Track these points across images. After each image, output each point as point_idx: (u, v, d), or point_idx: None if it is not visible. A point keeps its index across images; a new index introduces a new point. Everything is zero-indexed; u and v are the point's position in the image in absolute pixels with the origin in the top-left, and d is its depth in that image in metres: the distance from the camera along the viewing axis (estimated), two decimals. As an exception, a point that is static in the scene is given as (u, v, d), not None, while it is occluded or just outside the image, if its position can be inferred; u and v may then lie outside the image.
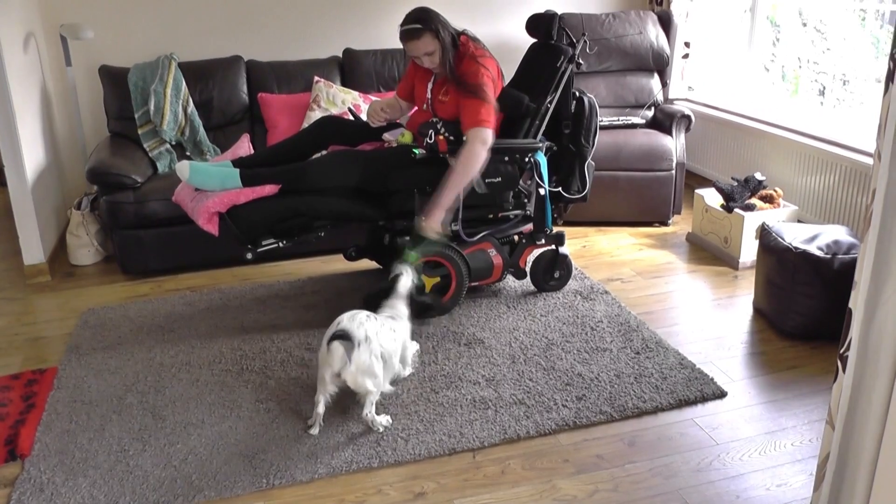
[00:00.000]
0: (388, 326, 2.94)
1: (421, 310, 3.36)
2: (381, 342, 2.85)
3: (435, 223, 3.39)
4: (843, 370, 2.00)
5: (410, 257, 3.39)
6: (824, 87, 4.92)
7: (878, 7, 4.51)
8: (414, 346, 3.22)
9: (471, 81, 3.44)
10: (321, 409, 2.85)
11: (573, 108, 3.82)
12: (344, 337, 2.73)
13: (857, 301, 1.93)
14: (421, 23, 3.42)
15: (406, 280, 3.19)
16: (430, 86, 3.66)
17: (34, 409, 3.05)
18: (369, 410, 2.83)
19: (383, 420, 2.87)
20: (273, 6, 5.23)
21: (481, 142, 3.39)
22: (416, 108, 3.88)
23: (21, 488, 2.59)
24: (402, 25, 3.47)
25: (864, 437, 1.96)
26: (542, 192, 3.73)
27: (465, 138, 3.40)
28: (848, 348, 1.98)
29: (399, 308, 3.12)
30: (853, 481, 2.02)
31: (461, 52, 3.52)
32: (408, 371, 3.18)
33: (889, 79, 1.78)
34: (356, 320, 2.81)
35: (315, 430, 2.86)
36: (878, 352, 1.90)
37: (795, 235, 3.57)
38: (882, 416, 1.90)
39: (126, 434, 2.88)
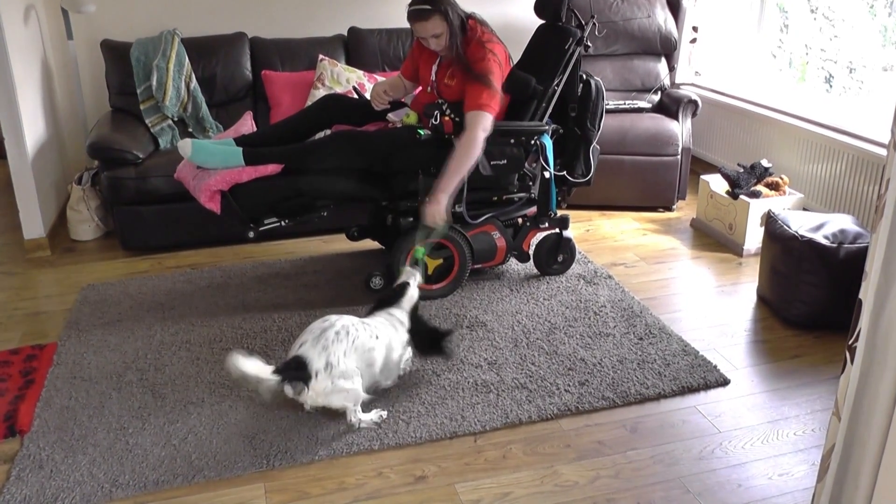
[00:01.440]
0: (368, 333, 2.75)
1: (438, 347, 3.06)
2: (351, 359, 2.66)
3: (439, 209, 3.36)
4: (851, 361, 1.98)
5: (418, 252, 3.36)
6: (831, 75, 4.88)
7: (889, -6, 4.47)
8: (407, 355, 3.03)
9: (477, 68, 3.40)
10: (308, 408, 2.81)
11: (580, 90, 3.78)
12: (297, 366, 2.57)
13: (868, 292, 1.90)
14: (430, 3, 3.37)
15: (413, 292, 3.04)
16: (434, 68, 3.62)
17: (33, 385, 3.04)
18: (352, 419, 2.73)
19: (375, 417, 2.79)
20: (278, -18, 5.18)
21: (482, 127, 3.36)
22: (420, 88, 3.84)
23: (21, 465, 2.58)
24: (410, 5, 3.43)
25: (870, 430, 1.95)
26: (547, 175, 3.71)
27: (465, 120, 3.37)
28: (857, 339, 1.96)
29: (398, 316, 2.96)
30: (857, 473, 2.01)
31: (469, 36, 3.48)
32: (390, 382, 2.97)
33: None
34: (320, 343, 2.61)
35: (310, 409, 2.81)
36: (886, 344, 1.88)
37: (801, 224, 3.55)
38: (889, 408, 1.89)
39: (126, 412, 2.87)
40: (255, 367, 2.46)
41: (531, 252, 3.95)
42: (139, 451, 2.65)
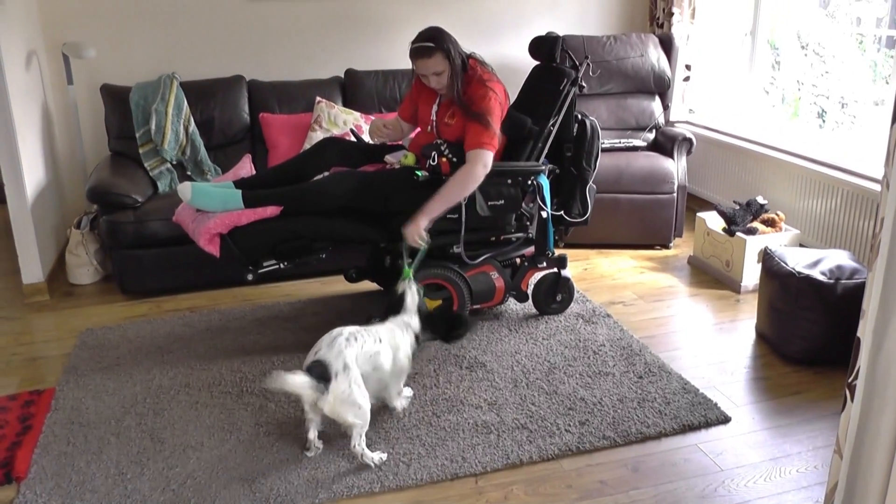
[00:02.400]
0: (372, 338, 2.87)
1: (456, 325, 3.23)
2: (364, 361, 2.80)
3: (418, 229, 3.37)
4: (852, 399, 1.98)
5: (405, 273, 3.38)
6: (823, 111, 4.93)
7: (876, 31, 4.53)
8: (407, 393, 3.18)
9: (475, 109, 3.44)
10: (312, 434, 2.84)
11: (575, 130, 3.82)
12: (320, 368, 2.68)
13: (866, 330, 1.91)
14: (434, 41, 3.42)
15: (414, 295, 3.14)
16: (435, 108, 3.66)
17: (31, 431, 3.02)
18: (357, 443, 2.75)
19: (376, 457, 2.79)
20: (275, 26, 5.24)
21: (482, 164, 3.40)
22: (418, 129, 3.87)
23: (18, 512, 2.56)
24: (413, 43, 3.47)
25: (873, 467, 1.95)
26: (544, 214, 3.73)
27: (466, 158, 3.40)
28: (856, 377, 1.96)
29: (404, 318, 3.07)
30: (861, 511, 2.00)
31: (470, 74, 3.52)
32: (398, 404, 3.09)
33: (898, 107, 1.78)
34: (335, 347, 2.74)
35: (311, 453, 2.83)
36: (886, 381, 1.89)
37: (798, 260, 3.56)
38: (891, 445, 1.89)
39: (124, 457, 2.85)
40: (291, 380, 2.60)
41: (529, 292, 3.96)
42: (138, 497, 2.63)
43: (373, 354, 2.85)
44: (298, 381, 2.60)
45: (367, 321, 3.03)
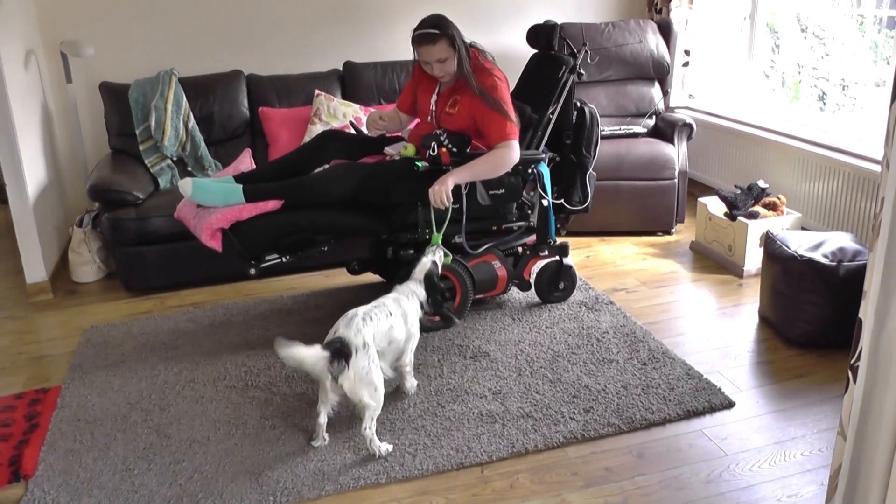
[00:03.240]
0: (383, 314, 2.90)
1: (435, 310, 3.24)
2: (381, 339, 2.86)
3: (444, 188, 3.38)
4: (854, 381, 1.98)
5: (434, 239, 3.40)
6: (824, 93, 4.92)
7: (876, 13, 4.51)
8: (412, 382, 3.20)
9: (494, 96, 3.44)
10: (322, 419, 2.84)
11: (574, 118, 3.81)
12: (341, 345, 2.69)
13: (867, 311, 1.91)
14: (438, 28, 3.41)
15: (426, 262, 3.18)
16: (434, 97, 3.65)
17: (38, 429, 3.03)
18: (368, 426, 2.76)
19: (384, 447, 2.80)
20: (273, 20, 5.23)
21: (516, 153, 3.45)
22: (417, 120, 3.87)
23: (26, 510, 2.58)
24: (416, 30, 3.46)
25: (877, 448, 1.95)
26: (545, 203, 3.73)
27: (497, 148, 3.45)
28: (858, 358, 1.96)
29: (410, 286, 3.11)
30: (866, 493, 2.00)
31: (473, 63, 3.51)
32: (411, 382, 3.18)
33: (896, 87, 1.77)
34: (353, 326, 2.76)
35: (317, 443, 2.84)
36: (888, 362, 1.89)
37: (800, 243, 3.56)
38: (894, 426, 1.89)
39: (131, 453, 2.86)
40: (306, 352, 2.61)
41: (532, 280, 3.96)
42: (145, 492, 2.64)
43: (387, 330, 2.90)
44: (315, 354, 2.61)
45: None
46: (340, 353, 2.66)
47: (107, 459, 2.83)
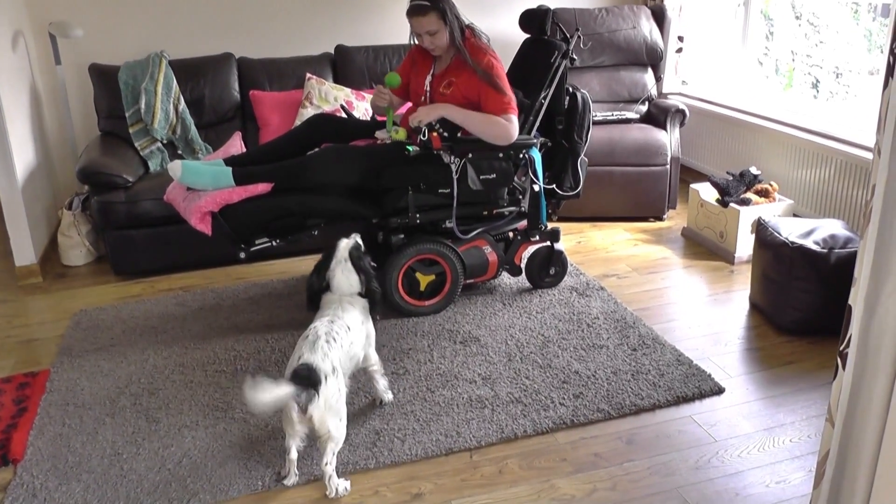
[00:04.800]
0: (342, 331, 2.68)
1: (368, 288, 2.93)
2: (346, 360, 2.66)
3: (429, 113, 3.39)
4: (843, 367, 1.98)
5: (398, 133, 3.45)
6: (817, 81, 4.91)
7: (871, 0, 4.49)
8: (385, 386, 3.01)
9: (491, 73, 3.43)
10: (293, 455, 2.57)
11: (566, 103, 3.80)
12: (308, 372, 2.46)
13: (857, 298, 1.91)
14: (430, 0, 3.40)
15: (344, 241, 2.93)
16: (429, 79, 3.63)
17: (26, 413, 3.02)
18: (329, 460, 2.52)
19: (342, 484, 2.56)
20: (264, 3, 5.19)
21: (514, 128, 3.43)
22: (409, 104, 3.85)
23: (13, 494, 2.56)
24: (411, 1, 3.44)
25: (865, 435, 1.95)
26: (536, 188, 3.71)
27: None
28: (848, 345, 1.96)
29: (345, 283, 2.86)
30: (853, 479, 2.01)
31: (468, 44, 3.49)
32: (382, 384, 2.99)
33: (889, 73, 1.76)
34: (319, 350, 2.54)
35: (290, 481, 2.60)
36: (878, 349, 1.89)
37: (791, 230, 3.56)
38: (882, 413, 1.89)
39: (119, 437, 2.85)
40: (277, 391, 2.34)
41: (523, 265, 3.96)
42: (134, 477, 2.63)
43: (348, 347, 2.70)
44: (286, 391, 2.37)
45: (317, 294, 2.89)
46: (309, 380, 2.44)
47: (95, 444, 2.82)
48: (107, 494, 2.55)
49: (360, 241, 2.98)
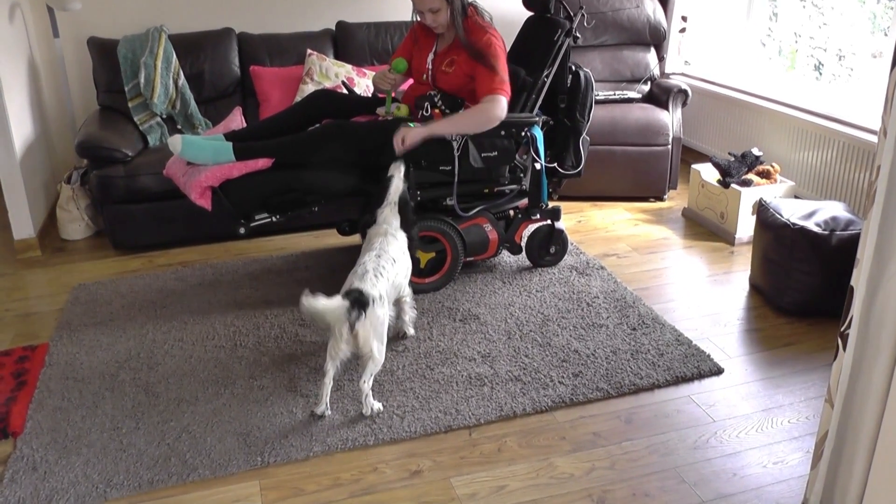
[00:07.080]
0: (390, 264, 2.94)
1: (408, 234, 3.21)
2: (391, 292, 2.93)
3: (413, 134, 3.34)
4: (844, 348, 1.98)
5: (400, 110, 3.48)
6: (821, 63, 4.88)
7: (877, -19, 4.46)
8: (406, 280, 3.18)
9: (485, 51, 3.39)
10: (329, 379, 2.76)
11: (569, 82, 3.78)
12: (359, 294, 2.69)
13: (859, 279, 1.91)
14: None
15: (398, 182, 3.21)
16: (431, 56, 3.60)
17: (26, 387, 3.02)
18: (367, 380, 2.76)
19: (376, 405, 2.81)
20: (265, -23, 5.15)
21: (500, 108, 3.38)
22: (411, 81, 3.82)
23: (14, 467, 2.57)
24: None
25: (864, 416, 1.95)
26: (537, 166, 3.70)
27: (482, 102, 3.40)
28: (849, 326, 1.96)
29: (391, 217, 3.15)
30: (851, 460, 2.01)
31: (469, 22, 3.46)
32: (410, 316, 3.28)
33: (897, 53, 1.75)
34: (367, 280, 2.78)
35: (320, 409, 2.79)
36: (879, 330, 1.89)
37: (793, 211, 3.55)
38: (882, 395, 1.89)
39: (119, 411, 2.85)
40: (329, 303, 2.60)
41: (523, 244, 3.95)
42: (133, 451, 2.64)
43: (394, 278, 2.95)
44: (336, 304, 2.62)
45: (365, 227, 3.19)
46: (359, 301, 2.67)
47: (95, 418, 2.82)
48: (106, 468, 2.55)
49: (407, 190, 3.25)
